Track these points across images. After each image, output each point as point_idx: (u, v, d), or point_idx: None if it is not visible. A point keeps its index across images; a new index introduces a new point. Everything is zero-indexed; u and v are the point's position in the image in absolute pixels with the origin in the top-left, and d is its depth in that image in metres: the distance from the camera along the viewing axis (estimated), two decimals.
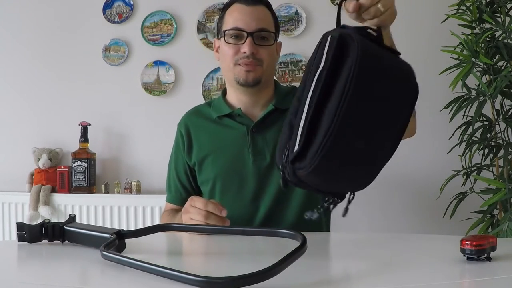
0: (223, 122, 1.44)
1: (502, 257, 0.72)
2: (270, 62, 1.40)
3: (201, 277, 0.56)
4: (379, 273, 0.69)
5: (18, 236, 0.89)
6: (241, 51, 1.36)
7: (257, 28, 1.35)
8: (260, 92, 1.43)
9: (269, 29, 1.38)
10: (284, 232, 0.73)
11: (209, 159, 1.41)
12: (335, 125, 0.66)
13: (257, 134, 1.39)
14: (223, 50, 1.40)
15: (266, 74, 1.40)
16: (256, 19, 1.36)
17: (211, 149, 1.42)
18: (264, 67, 1.38)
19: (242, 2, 1.39)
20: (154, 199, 2.48)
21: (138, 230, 0.85)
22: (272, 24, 1.41)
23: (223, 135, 1.42)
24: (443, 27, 2.21)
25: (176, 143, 1.51)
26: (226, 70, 1.42)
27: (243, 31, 1.35)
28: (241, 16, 1.37)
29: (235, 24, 1.36)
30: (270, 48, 1.39)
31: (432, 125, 2.48)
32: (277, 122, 1.40)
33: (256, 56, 1.36)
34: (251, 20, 1.36)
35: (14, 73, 2.77)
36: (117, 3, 2.72)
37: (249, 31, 1.35)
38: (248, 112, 1.44)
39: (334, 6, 2.60)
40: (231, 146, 1.40)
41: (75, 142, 2.59)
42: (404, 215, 2.49)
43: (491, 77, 2.05)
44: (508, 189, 1.86)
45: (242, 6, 1.38)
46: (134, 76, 2.68)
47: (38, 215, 2.48)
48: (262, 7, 1.40)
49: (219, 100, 1.49)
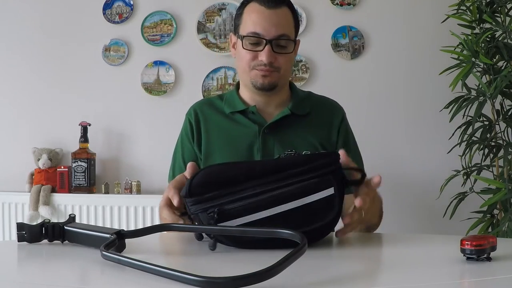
0: (235, 118, 1.40)
1: (502, 257, 0.72)
2: (287, 67, 1.37)
3: (201, 277, 0.56)
4: (379, 273, 0.69)
5: (18, 236, 0.89)
6: (259, 58, 1.32)
7: (276, 35, 1.30)
8: (275, 94, 1.40)
9: (289, 35, 1.33)
10: (284, 232, 0.73)
11: (216, 154, 1.37)
12: None
13: (269, 135, 1.36)
14: (240, 52, 1.36)
15: (282, 79, 1.37)
16: (275, 25, 1.30)
17: (220, 144, 1.38)
18: (281, 73, 1.35)
19: (263, 2, 1.32)
20: (154, 199, 2.47)
21: (138, 230, 0.85)
22: (293, 28, 1.36)
23: (234, 132, 1.39)
24: (443, 27, 2.21)
25: (184, 132, 1.45)
26: (241, 72, 1.39)
27: (262, 38, 1.30)
28: (260, 20, 1.31)
29: (254, 28, 1.31)
30: (289, 55, 1.35)
31: (432, 125, 2.48)
32: (290, 126, 1.38)
33: (274, 64, 1.32)
34: (271, 26, 1.30)
35: (14, 73, 2.77)
36: (117, 3, 2.72)
37: (268, 38, 1.30)
38: (262, 110, 1.40)
39: (334, 6, 2.61)
40: (240, 143, 1.37)
41: (75, 142, 2.59)
42: (404, 215, 2.49)
43: (491, 77, 2.05)
44: (508, 189, 1.86)
45: (262, 8, 1.31)
46: (134, 76, 2.68)
47: (38, 215, 2.48)
48: (283, 9, 1.33)
49: (233, 95, 1.45)
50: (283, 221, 0.84)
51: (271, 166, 0.88)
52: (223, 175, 0.87)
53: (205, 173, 0.88)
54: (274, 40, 1.30)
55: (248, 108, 1.40)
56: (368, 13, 2.60)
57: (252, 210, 0.84)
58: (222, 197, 0.85)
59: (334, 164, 0.90)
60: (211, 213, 0.83)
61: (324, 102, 1.48)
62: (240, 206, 0.84)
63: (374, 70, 2.59)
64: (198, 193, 0.85)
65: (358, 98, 2.55)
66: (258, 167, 0.88)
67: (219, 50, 2.66)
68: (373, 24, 2.60)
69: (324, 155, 0.92)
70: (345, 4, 2.61)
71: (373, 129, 2.50)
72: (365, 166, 1.47)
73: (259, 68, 1.33)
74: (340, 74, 2.61)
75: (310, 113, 1.42)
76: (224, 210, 0.83)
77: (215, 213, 0.83)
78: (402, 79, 2.56)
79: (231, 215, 0.83)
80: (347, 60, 2.61)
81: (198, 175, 0.87)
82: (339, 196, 0.88)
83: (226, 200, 0.84)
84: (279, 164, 0.89)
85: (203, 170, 0.89)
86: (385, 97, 2.57)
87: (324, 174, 0.88)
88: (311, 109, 1.43)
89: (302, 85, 2.54)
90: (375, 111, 2.57)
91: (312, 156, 0.91)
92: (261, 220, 0.84)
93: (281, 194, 0.85)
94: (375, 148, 2.35)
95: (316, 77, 2.61)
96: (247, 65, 1.34)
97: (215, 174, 0.88)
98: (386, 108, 2.57)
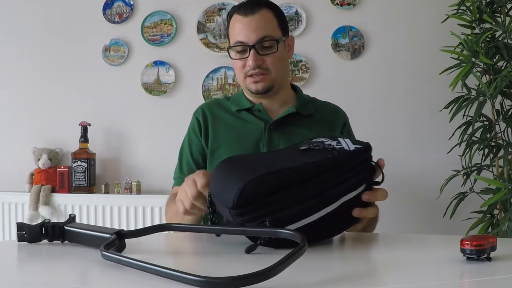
0: (241, 116, 1.45)
1: (502, 257, 0.72)
2: (279, 67, 1.39)
3: (201, 277, 0.56)
4: (379, 273, 0.69)
5: (18, 236, 0.89)
6: (247, 64, 1.36)
7: (257, 39, 1.34)
8: (276, 94, 1.44)
9: (272, 35, 1.36)
10: (284, 232, 0.73)
11: (222, 149, 1.40)
12: None
13: (274, 131, 1.40)
14: (233, 62, 1.42)
15: (277, 80, 1.40)
16: (255, 30, 1.34)
17: (226, 140, 1.41)
18: (273, 75, 1.38)
19: (241, 12, 1.37)
20: (154, 199, 2.47)
21: (138, 230, 0.85)
22: (276, 27, 1.38)
23: (240, 128, 1.43)
24: (443, 27, 2.21)
25: (191, 129, 1.48)
26: (239, 80, 1.45)
27: (245, 44, 1.35)
28: (241, 28, 1.36)
29: (237, 38, 1.36)
30: (275, 55, 1.37)
31: (432, 125, 2.48)
32: (295, 124, 1.42)
33: (262, 66, 1.36)
34: (250, 32, 1.34)
35: (15, 73, 2.77)
36: (117, 3, 2.72)
37: (250, 43, 1.34)
38: (267, 108, 1.45)
39: (334, 6, 2.61)
40: (246, 139, 1.40)
41: (75, 142, 2.59)
42: (404, 215, 2.49)
43: (491, 77, 2.05)
44: (508, 189, 1.86)
45: (240, 17, 1.37)
46: (134, 76, 2.68)
47: (38, 215, 2.48)
48: (260, 13, 1.36)
49: (239, 95, 1.50)
50: (332, 221, 0.87)
51: (314, 168, 0.85)
52: (273, 185, 0.81)
53: (255, 185, 0.80)
54: (257, 44, 1.35)
55: (254, 106, 1.44)
56: (368, 13, 2.60)
57: (302, 215, 0.83)
58: (271, 205, 0.81)
59: (369, 160, 0.93)
60: (263, 223, 0.79)
61: (328, 106, 1.53)
62: (291, 213, 0.82)
63: (374, 70, 2.59)
64: (247, 203, 0.80)
65: (358, 98, 2.55)
66: (304, 172, 0.84)
67: (219, 50, 2.66)
68: (373, 24, 2.60)
69: (362, 151, 0.92)
70: (345, 4, 2.61)
71: (373, 129, 2.50)
72: None
73: (249, 74, 1.38)
74: (340, 74, 2.61)
75: (313, 114, 1.46)
76: (276, 219, 0.80)
77: (270, 222, 0.79)
78: (402, 79, 2.56)
79: (284, 222, 0.81)
80: (347, 60, 2.61)
81: (247, 188, 0.79)
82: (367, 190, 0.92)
83: (276, 208, 0.81)
84: (322, 165, 0.86)
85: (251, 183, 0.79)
86: (385, 97, 2.57)
87: (360, 172, 0.91)
88: (315, 111, 1.47)
89: (302, 85, 2.54)
90: (375, 111, 2.57)
91: (352, 154, 0.90)
92: (312, 223, 0.84)
93: (326, 196, 0.85)
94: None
95: (316, 77, 2.61)
96: (240, 73, 1.41)
97: (267, 185, 0.80)
98: (386, 108, 2.57)
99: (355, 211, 0.91)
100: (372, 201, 0.94)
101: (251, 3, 1.37)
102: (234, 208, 0.80)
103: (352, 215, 0.91)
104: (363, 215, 0.92)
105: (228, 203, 0.80)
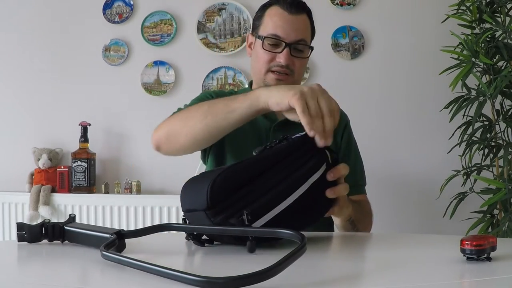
0: None
1: (502, 257, 0.72)
2: (302, 72, 1.42)
3: (201, 277, 0.56)
4: (379, 273, 0.69)
5: (18, 236, 0.89)
6: (276, 60, 1.36)
7: (295, 39, 1.35)
8: None
9: (307, 41, 1.38)
10: (284, 232, 0.73)
11: (225, 142, 1.39)
12: None
13: (278, 132, 1.40)
14: (257, 52, 1.40)
15: (296, 83, 1.41)
16: (296, 29, 1.35)
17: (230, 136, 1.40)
18: (295, 78, 1.39)
19: (285, 8, 1.36)
20: (154, 199, 2.48)
21: (138, 230, 0.85)
22: (310, 35, 1.41)
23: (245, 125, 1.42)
24: (443, 27, 2.21)
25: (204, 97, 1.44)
26: (257, 72, 1.42)
27: (282, 40, 1.35)
28: (282, 23, 1.35)
29: (275, 31, 1.35)
30: (304, 60, 1.40)
31: (432, 125, 2.48)
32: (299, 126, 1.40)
33: (290, 67, 1.36)
34: (292, 30, 1.35)
35: (14, 73, 2.77)
36: (117, 3, 2.72)
37: (288, 41, 1.35)
38: None
39: (334, 6, 2.61)
40: (250, 137, 1.39)
41: (75, 142, 2.60)
42: (404, 215, 2.49)
43: (491, 77, 2.05)
44: (508, 189, 1.86)
45: (285, 12, 1.36)
46: (134, 76, 2.68)
47: (38, 215, 2.48)
48: (303, 16, 1.38)
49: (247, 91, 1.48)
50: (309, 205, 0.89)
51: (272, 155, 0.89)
52: (240, 178, 0.83)
53: (223, 178, 0.81)
54: (293, 44, 1.35)
55: None
56: (368, 13, 2.60)
57: (276, 201, 0.84)
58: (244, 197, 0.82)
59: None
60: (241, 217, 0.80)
61: None
62: (266, 199, 0.83)
63: (374, 70, 2.59)
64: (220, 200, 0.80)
65: (358, 98, 2.55)
66: (266, 160, 0.88)
67: (219, 50, 2.66)
68: (373, 24, 2.60)
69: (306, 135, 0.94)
70: (345, 4, 2.61)
71: (373, 129, 2.50)
72: (365, 166, 1.47)
73: (275, 70, 1.37)
74: (340, 74, 2.61)
75: None
76: (254, 209, 0.81)
77: (249, 213, 0.79)
78: (402, 79, 2.56)
79: (262, 212, 0.82)
80: (347, 60, 2.61)
81: (216, 182, 0.80)
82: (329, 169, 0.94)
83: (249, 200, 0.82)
84: (278, 151, 0.90)
85: (218, 177, 0.81)
86: (385, 97, 2.57)
87: (316, 154, 0.92)
88: None
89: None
90: (375, 111, 2.57)
91: (302, 138, 0.94)
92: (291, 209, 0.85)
93: (292, 180, 0.86)
94: (375, 148, 2.35)
95: (316, 77, 2.61)
96: (263, 66, 1.38)
97: (231, 179, 0.82)
98: (386, 108, 2.57)
99: (327, 192, 0.93)
100: (337, 177, 0.94)
101: (297, 4, 1.38)
102: (209, 208, 0.80)
103: (327, 198, 0.93)
104: (336, 192, 0.94)
105: (202, 205, 0.80)
